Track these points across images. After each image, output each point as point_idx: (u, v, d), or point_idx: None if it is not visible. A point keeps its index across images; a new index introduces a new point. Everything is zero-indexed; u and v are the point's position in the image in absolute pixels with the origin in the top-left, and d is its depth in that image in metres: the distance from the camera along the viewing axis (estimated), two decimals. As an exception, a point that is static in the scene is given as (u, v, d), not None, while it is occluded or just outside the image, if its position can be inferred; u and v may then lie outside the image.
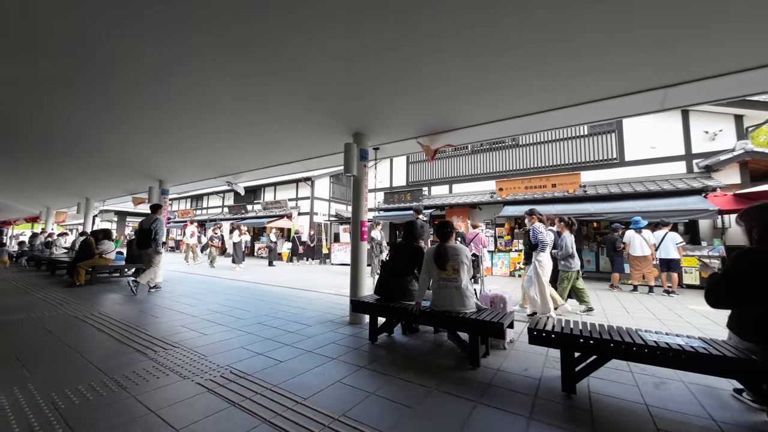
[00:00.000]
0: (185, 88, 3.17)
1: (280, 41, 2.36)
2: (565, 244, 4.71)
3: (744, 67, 2.56)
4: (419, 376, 2.44)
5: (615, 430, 1.79)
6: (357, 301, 3.44)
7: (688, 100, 3.21)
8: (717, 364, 1.79)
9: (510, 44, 2.34)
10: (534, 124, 3.74)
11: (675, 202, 7.72)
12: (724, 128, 8.52)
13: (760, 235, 1.86)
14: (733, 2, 1.93)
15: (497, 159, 12.25)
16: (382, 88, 3.03)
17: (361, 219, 4.17)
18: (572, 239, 4.86)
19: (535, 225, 4.47)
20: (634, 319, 4.52)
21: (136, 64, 2.76)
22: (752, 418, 1.94)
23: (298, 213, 16.56)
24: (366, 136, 4.23)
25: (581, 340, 2.13)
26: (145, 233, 5.77)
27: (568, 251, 4.70)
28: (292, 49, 2.45)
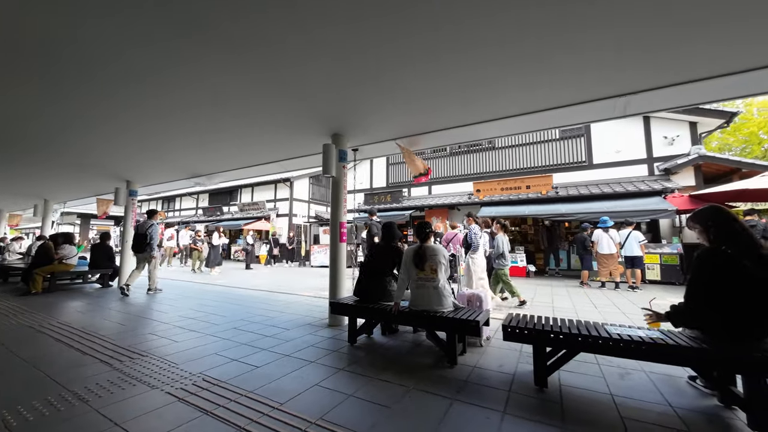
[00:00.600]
0: (159, 90, 3.05)
1: (256, 43, 2.31)
2: (497, 245, 5.00)
3: (696, 78, 2.77)
4: (398, 375, 2.45)
5: (583, 421, 1.87)
6: (336, 303, 3.42)
7: (648, 107, 3.43)
8: (673, 354, 1.92)
9: (483, 61, 2.42)
10: (509, 127, 3.87)
11: (638, 203, 8.21)
12: (681, 134, 9.16)
13: (717, 234, 2.00)
14: (684, 27, 2.09)
15: (474, 161, 12.55)
16: (360, 90, 3.03)
17: (340, 220, 4.14)
18: (506, 240, 5.21)
19: (472, 226, 4.73)
20: (601, 314, 4.75)
21: (108, 66, 2.64)
22: (704, 402, 2.09)
23: (276, 214, 16.22)
24: (345, 137, 4.21)
25: (552, 335, 2.22)
26: (141, 238, 6.05)
27: (500, 251, 5.00)
28: (268, 51, 2.40)
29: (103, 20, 2.15)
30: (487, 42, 2.31)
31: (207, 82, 2.91)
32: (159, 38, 2.31)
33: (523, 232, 11.76)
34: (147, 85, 2.99)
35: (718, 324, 1.87)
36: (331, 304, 3.50)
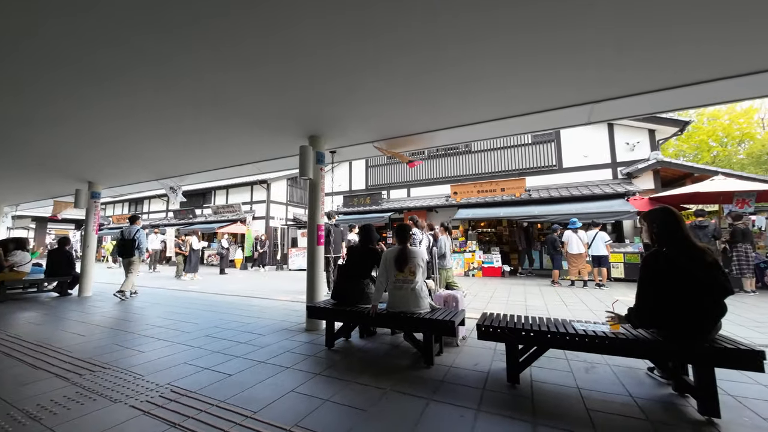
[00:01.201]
0: (127, 89, 2.91)
1: (232, 43, 2.25)
2: (439, 246, 5.31)
3: (654, 88, 2.97)
4: (375, 378, 2.45)
5: (552, 414, 1.95)
6: (313, 307, 3.37)
7: (610, 115, 3.64)
8: (633, 347, 2.05)
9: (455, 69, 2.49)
10: (484, 132, 3.98)
11: (603, 205, 8.68)
12: (641, 140, 9.79)
13: (658, 235, 2.16)
14: (643, 39, 2.24)
15: (452, 164, 12.80)
16: (334, 90, 3.02)
17: (318, 223, 4.10)
18: (449, 242, 5.49)
19: (414, 230, 5.04)
20: (571, 311, 4.97)
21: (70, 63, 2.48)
22: (661, 391, 2.23)
23: (253, 217, 15.80)
24: (322, 139, 4.18)
25: (523, 333, 2.30)
26: (128, 243, 6.19)
27: (442, 251, 5.29)
28: (242, 51, 2.35)
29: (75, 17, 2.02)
30: (462, 59, 2.38)
31: (180, 82, 2.81)
32: (128, 38, 2.20)
33: (498, 233, 12.12)
34: (113, 83, 2.84)
35: (666, 321, 2.01)
36: (308, 308, 3.45)
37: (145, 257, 6.45)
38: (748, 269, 6.40)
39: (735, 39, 2.27)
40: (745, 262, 6.43)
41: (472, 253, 10.54)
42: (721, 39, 2.27)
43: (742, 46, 2.35)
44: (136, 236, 6.23)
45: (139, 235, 6.28)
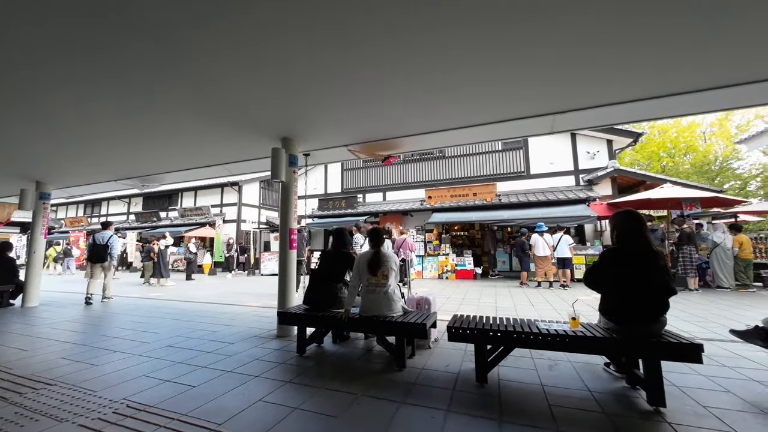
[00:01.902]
0: (79, 78, 2.70)
1: (199, 54, 2.18)
2: (354, 245, 5.58)
3: (610, 101, 3.19)
4: (347, 383, 2.43)
5: (517, 412, 2.03)
6: (284, 313, 3.30)
7: (571, 126, 3.88)
8: (591, 344, 2.18)
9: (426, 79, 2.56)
10: (456, 138, 4.09)
11: (567, 210, 9.18)
12: (600, 150, 10.49)
13: (617, 236, 2.33)
14: (599, 59, 2.41)
15: (426, 169, 13.04)
16: (306, 96, 3.00)
17: (290, 227, 4.02)
18: (390, 245, 5.60)
19: (356, 235, 5.35)
20: (537, 311, 5.20)
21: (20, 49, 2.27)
22: (616, 385, 2.39)
23: (223, 220, 15.20)
24: (295, 142, 4.12)
25: (491, 333, 2.38)
26: (101, 248, 6.34)
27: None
28: (212, 60, 2.28)
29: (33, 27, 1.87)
30: (435, 68, 2.45)
31: (141, 72, 2.66)
32: (94, 44, 2.07)
33: (471, 236, 12.46)
34: (64, 66, 2.64)
35: (617, 310, 2.21)
36: (279, 314, 3.36)
37: (116, 262, 6.67)
38: (692, 269, 7.01)
39: (679, 63, 2.50)
40: (689, 263, 7.03)
41: (446, 256, 10.75)
42: (667, 62, 2.49)
43: (686, 69, 2.60)
44: (109, 242, 6.40)
45: (112, 240, 6.46)
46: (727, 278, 7.11)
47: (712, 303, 5.63)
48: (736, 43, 2.27)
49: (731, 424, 1.84)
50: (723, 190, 9.16)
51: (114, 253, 6.47)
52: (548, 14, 2.00)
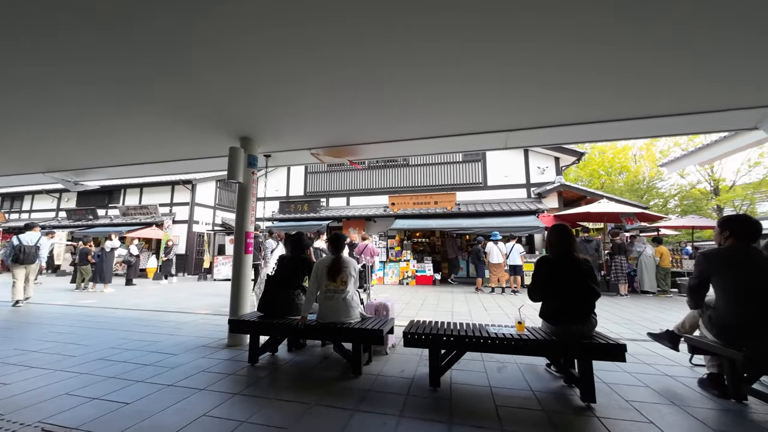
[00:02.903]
0: None
1: (158, 53, 2.03)
2: (264, 250, 5.81)
3: (559, 123, 3.49)
4: (300, 393, 2.37)
5: (466, 414, 2.11)
6: (235, 321, 3.13)
7: (523, 143, 4.18)
8: (534, 347, 2.35)
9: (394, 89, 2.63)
10: (417, 148, 4.22)
11: (519, 220, 9.82)
12: (549, 166, 11.39)
13: (549, 246, 2.57)
14: (547, 85, 2.65)
15: (390, 176, 13.22)
16: (272, 99, 2.92)
17: (246, 230, 3.85)
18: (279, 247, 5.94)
19: (268, 240, 5.59)
20: (490, 315, 5.47)
21: None
22: (555, 384, 2.59)
23: (172, 221, 14.10)
24: (255, 142, 3.98)
25: (444, 338, 2.47)
26: (31, 250, 6.24)
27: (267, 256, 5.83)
28: (168, 57, 2.14)
29: None
30: (392, 80, 2.53)
31: (78, 53, 2.42)
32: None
33: (431, 243, 12.81)
34: None
35: (552, 313, 2.44)
36: (230, 322, 3.19)
37: (44, 264, 6.52)
38: (622, 276, 7.83)
39: (617, 94, 2.82)
40: (620, 270, 7.85)
41: (407, 262, 10.93)
42: (607, 92, 2.80)
43: (625, 99, 2.93)
44: (38, 243, 6.36)
45: (42, 242, 6.42)
46: (651, 285, 8.05)
47: (637, 307, 6.33)
48: (666, 78, 2.59)
49: (647, 415, 2.08)
50: (648, 207, 10.39)
51: (42, 254, 6.37)
52: (498, 44, 2.17)
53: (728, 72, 2.46)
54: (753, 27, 1.97)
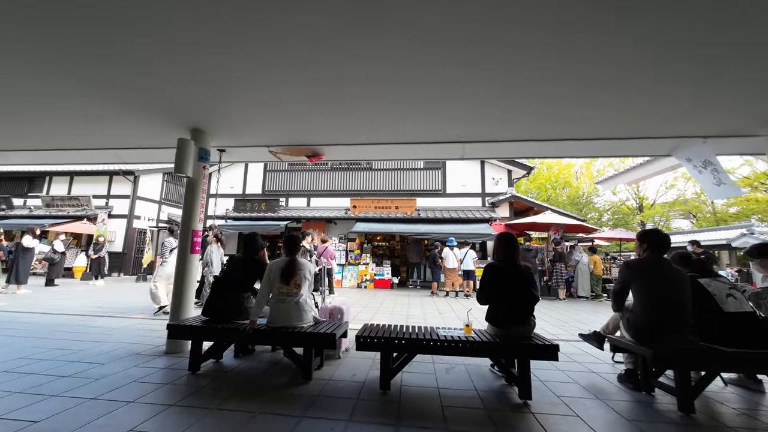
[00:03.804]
0: None
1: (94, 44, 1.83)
2: (206, 254, 5.66)
3: (511, 138, 3.74)
4: (244, 401, 2.26)
5: (414, 415, 2.16)
6: (176, 326, 2.90)
7: (479, 154, 4.45)
8: (479, 348, 2.47)
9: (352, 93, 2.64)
10: (378, 153, 4.28)
11: (474, 228, 10.33)
12: (502, 177, 12.15)
13: (496, 254, 2.75)
14: (500, 107, 2.83)
15: (353, 178, 13.19)
16: (227, 91, 2.78)
17: (194, 228, 3.60)
18: (219, 251, 5.81)
19: (169, 239, 5.52)
20: (443, 318, 5.66)
21: None
22: (497, 383, 2.74)
23: (108, 214, 12.71)
24: (208, 135, 3.74)
25: (396, 341, 2.51)
26: None
27: (207, 260, 5.67)
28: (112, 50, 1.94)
29: None
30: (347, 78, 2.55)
31: None
32: None
33: (391, 247, 12.97)
34: None
35: (496, 316, 2.62)
36: (170, 328, 2.94)
37: None
38: (562, 282, 8.56)
39: (560, 117, 3.10)
40: (560, 277, 8.58)
41: (366, 266, 10.94)
42: (551, 114, 3.07)
43: (566, 123, 3.23)
44: None
45: None
46: (585, 290, 8.89)
47: (573, 310, 6.96)
48: (599, 108, 2.92)
49: (574, 409, 2.29)
50: (585, 220, 11.50)
51: None
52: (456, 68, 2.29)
53: (645, 107, 2.88)
54: (656, 71, 2.32)
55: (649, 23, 1.87)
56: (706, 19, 1.82)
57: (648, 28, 1.91)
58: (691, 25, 1.88)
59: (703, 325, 2.43)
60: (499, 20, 1.87)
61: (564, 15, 1.83)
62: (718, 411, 2.32)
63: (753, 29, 1.89)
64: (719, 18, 1.82)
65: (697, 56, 2.14)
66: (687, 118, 3.06)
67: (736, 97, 2.66)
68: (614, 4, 1.75)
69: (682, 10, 1.78)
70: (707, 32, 1.92)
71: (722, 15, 1.80)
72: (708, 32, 1.92)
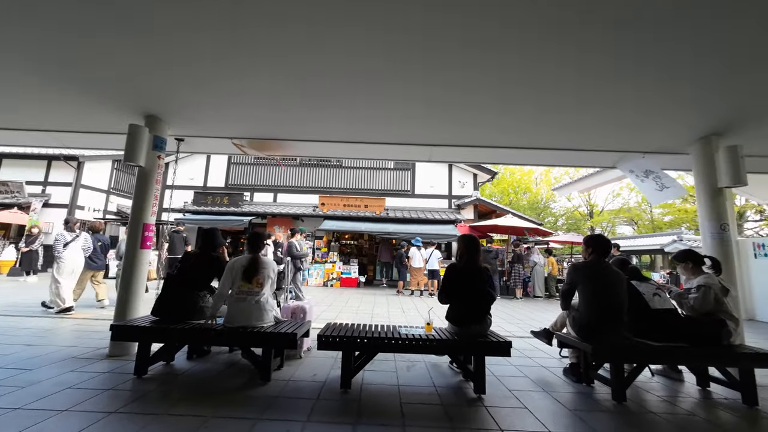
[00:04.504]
0: None
1: None
2: (118, 247, 5.63)
3: (475, 144, 3.88)
4: (196, 406, 2.15)
5: (373, 413, 2.18)
6: (121, 327, 2.69)
7: (446, 158, 4.59)
8: (438, 346, 2.55)
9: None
10: (347, 151, 4.26)
11: (440, 228, 10.61)
12: (468, 181, 12.61)
13: (459, 254, 2.86)
14: (466, 109, 2.94)
15: (322, 175, 12.99)
16: (184, 72, 2.61)
17: (145, 221, 3.35)
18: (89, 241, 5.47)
19: (62, 232, 5.15)
20: (407, 317, 5.76)
21: None
22: (455, 379, 2.85)
23: (44, 203, 11.44)
24: (164, 123, 3.50)
25: (358, 340, 2.52)
26: None
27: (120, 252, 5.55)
28: None
29: None
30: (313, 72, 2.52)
31: None
32: None
33: (359, 245, 12.95)
34: None
35: (456, 315, 2.73)
36: (113, 328, 2.72)
37: None
38: (519, 282, 9.05)
39: (517, 127, 3.27)
40: (518, 277, 9.08)
41: (333, 264, 10.83)
42: (507, 125, 3.24)
43: (524, 133, 3.43)
44: None
45: None
46: (541, 290, 9.48)
47: (528, 309, 7.39)
48: (554, 123, 3.13)
49: (523, 401, 2.44)
50: (542, 224, 12.26)
51: None
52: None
53: (593, 125, 3.17)
54: (599, 97, 2.59)
55: (595, 57, 2.15)
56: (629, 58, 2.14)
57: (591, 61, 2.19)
58: (633, 65, 2.13)
59: (635, 321, 2.70)
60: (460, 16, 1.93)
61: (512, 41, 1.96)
62: (646, 399, 2.59)
63: (677, 69, 2.17)
64: (645, 57, 2.13)
65: (635, 83, 2.42)
66: (628, 135, 3.38)
67: (668, 120, 2.99)
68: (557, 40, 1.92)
69: (623, 48, 2.06)
70: (631, 67, 2.22)
71: (646, 55, 2.10)
72: (632, 67, 2.25)
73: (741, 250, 6.84)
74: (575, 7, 1.76)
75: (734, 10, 1.75)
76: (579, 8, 1.77)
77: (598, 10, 1.78)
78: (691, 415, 2.34)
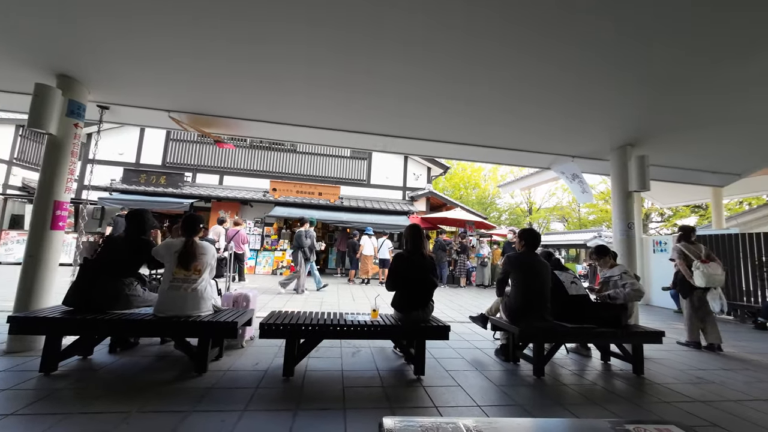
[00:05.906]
0: None
1: None
2: None
3: (431, 138, 3.99)
4: (117, 401, 1.97)
5: (315, 398, 2.19)
6: (22, 318, 2.33)
7: (402, 149, 4.64)
8: (382, 331, 2.63)
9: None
10: (301, 135, 4.11)
11: (393, 219, 10.80)
12: (422, 174, 12.95)
13: (406, 243, 2.96)
14: (420, 103, 2.99)
15: (274, 159, 12.38)
16: (99, 25, 2.29)
17: (56, 198, 2.91)
18: None
19: None
20: (356, 304, 5.83)
21: None
22: (397, 363, 2.97)
23: None
24: (83, 85, 3.04)
25: (303, 328, 2.49)
26: None
27: None
28: None
29: None
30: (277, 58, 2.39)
31: None
32: None
33: (311, 234, 12.65)
34: None
35: (401, 301, 2.84)
36: (12, 320, 2.35)
37: None
38: (464, 272, 9.64)
39: (466, 126, 3.43)
40: (462, 267, 9.65)
41: (283, 252, 10.49)
42: (463, 124, 3.38)
43: (472, 133, 3.60)
44: None
45: None
46: (489, 279, 10.19)
47: (471, 296, 7.93)
48: (500, 125, 3.34)
49: (458, 380, 2.64)
50: (488, 218, 13.11)
51: None
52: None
53: (531, 129, 3.47)
54: (539, 102, 2.80)
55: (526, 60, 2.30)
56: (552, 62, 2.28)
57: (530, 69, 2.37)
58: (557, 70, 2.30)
59: (555, 306, 3.06)
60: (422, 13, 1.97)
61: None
62: (560, 373, 2.96)
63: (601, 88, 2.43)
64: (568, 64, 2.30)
65: (565, 94, 2.68)
66: (560, 140, 3.75)
67: (592, 128, 3.37)
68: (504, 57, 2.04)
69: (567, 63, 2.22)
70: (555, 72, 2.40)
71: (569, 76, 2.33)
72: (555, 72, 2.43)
73: (644, 245, 8.02)
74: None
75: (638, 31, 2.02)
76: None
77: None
78: (594, 384, 2.73)
